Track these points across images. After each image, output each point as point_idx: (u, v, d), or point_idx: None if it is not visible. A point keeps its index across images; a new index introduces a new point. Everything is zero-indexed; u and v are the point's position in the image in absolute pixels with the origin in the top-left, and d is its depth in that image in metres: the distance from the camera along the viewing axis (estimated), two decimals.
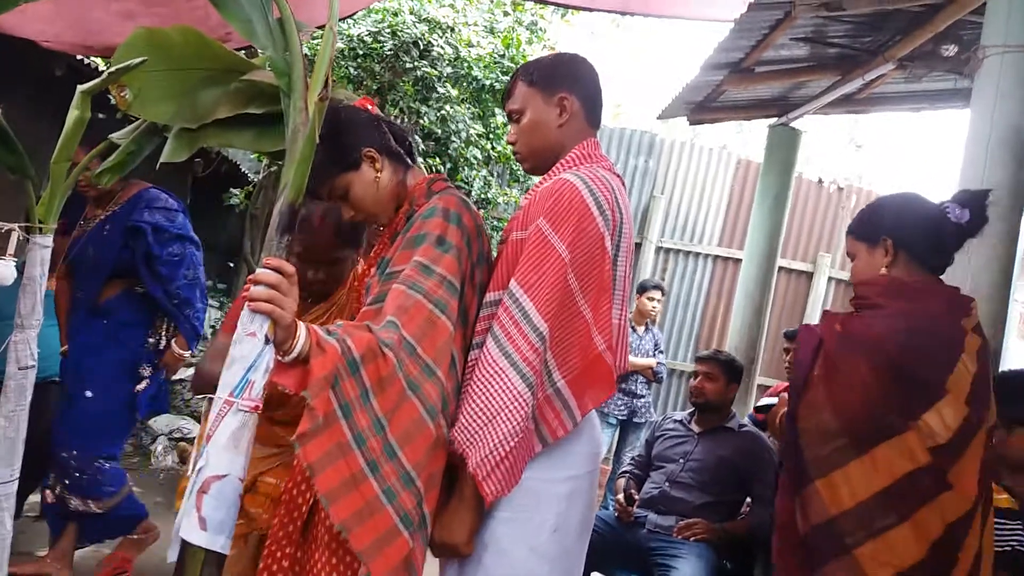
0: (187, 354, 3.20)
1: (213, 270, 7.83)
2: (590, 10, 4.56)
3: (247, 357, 1.37)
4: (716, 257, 7.36)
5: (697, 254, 7.36)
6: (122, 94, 2.21)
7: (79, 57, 4.18)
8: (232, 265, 7.48)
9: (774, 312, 6.14)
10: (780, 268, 5.54)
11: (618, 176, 1.73)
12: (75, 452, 2.96)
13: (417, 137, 4.76)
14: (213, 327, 6.37)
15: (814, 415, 1.73)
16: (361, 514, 1.38)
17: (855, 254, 1.92)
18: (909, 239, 1.84)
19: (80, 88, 2.32)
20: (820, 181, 7.51)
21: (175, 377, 6.68)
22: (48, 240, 2.46)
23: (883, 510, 1.62)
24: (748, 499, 3.24)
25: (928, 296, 1.80)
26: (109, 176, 2.52)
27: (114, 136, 2.52)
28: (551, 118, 1.75)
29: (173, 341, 3.15)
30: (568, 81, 1.76)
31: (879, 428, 1.66)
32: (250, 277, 1.39)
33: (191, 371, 3.84)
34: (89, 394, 3.00)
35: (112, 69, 2.08)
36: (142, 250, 3.06)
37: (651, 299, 5.23)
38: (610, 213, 1.61)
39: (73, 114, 2.36)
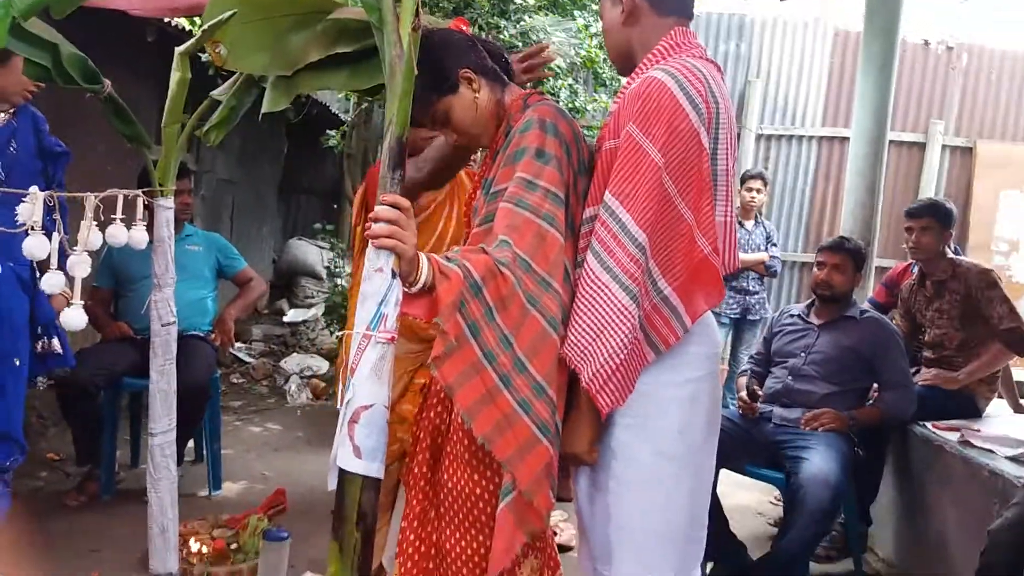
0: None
1: (319, 213, 8.06)
2: None
3: (378, 292, 1.43)
4: (821, 138, 7.02)
5: (800, 137, 7.04)
6: (217, 50, 2.26)
7: (167, 20, 4.29)
8: (336, 206, 7.67)
9: (887, 189, 5.84)
10: (890, 142, 5.24)
11: (712, 62, 1.64)
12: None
13: None
14: (328, 267, 6.59)
15: None
16: (500, 426, 1.44)
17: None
18: None
19: (178, 50, 2.39)
20: (927, 43, 7.01)
21: (303, 318, 6.97)
22: (170, 202, 2.59)
23: None
24: (875, 385, 3.19)
25: None
26: (216, 133, 2.60)
27: (214, 93, 2.59)
28: (615, 17, 1.70)
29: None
30: None
31: None
32: (370, 215, 1.42)
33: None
34: (17, 362, 2.59)
35: (205, 27, 2.13)
36: (55, 177, 2.75)
37: (751, 190, 5.04)
38: (704, 106, 1.54)
39: (175, 76, 2.44)
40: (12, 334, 2.57)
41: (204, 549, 2.78)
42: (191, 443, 3.88)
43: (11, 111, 2.59)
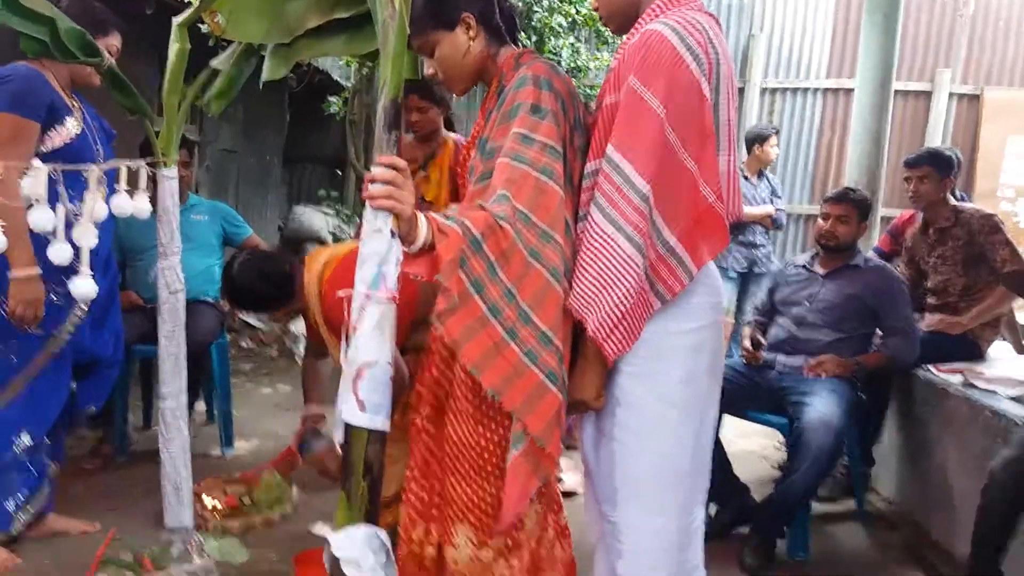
0: None
1: (324, 179, 8.06)
2: None
3: (378, 252, 1.45)
4: (826, 90, 6.99)
5: (805, 90, 7.00)
6: (215, 20, 2.28)
7: None
8: (340, 173, 7.66)
9: (893, 139, 5.81)
10: (896, 91, 5.21)
11: (710, 15, 1.65)
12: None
13: None
14: (333, 233, 6.62)
15: None
16: (509, 377, 1.48)
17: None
18: None
19: (176, 21, 2.40)
20: None
21: None
22: (174, 172, 2.62)
23: None
24: (879, 331, 3.21)
25: None
26: (217, 103, 2.62)
27: (214, 62, 2.60)
28: None
29: None
30: None
31: None
32: (367, 176, 1.45)
33: None
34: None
35: None
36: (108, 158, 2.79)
37: (774, 146, 5.04)
38: (704, 56, 1.55)
39: (174, 47, 2.45)
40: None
41: (218, 505, 2.86)
42: (203, 405, 3.98)
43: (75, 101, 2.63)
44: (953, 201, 3.52)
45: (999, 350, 3.53)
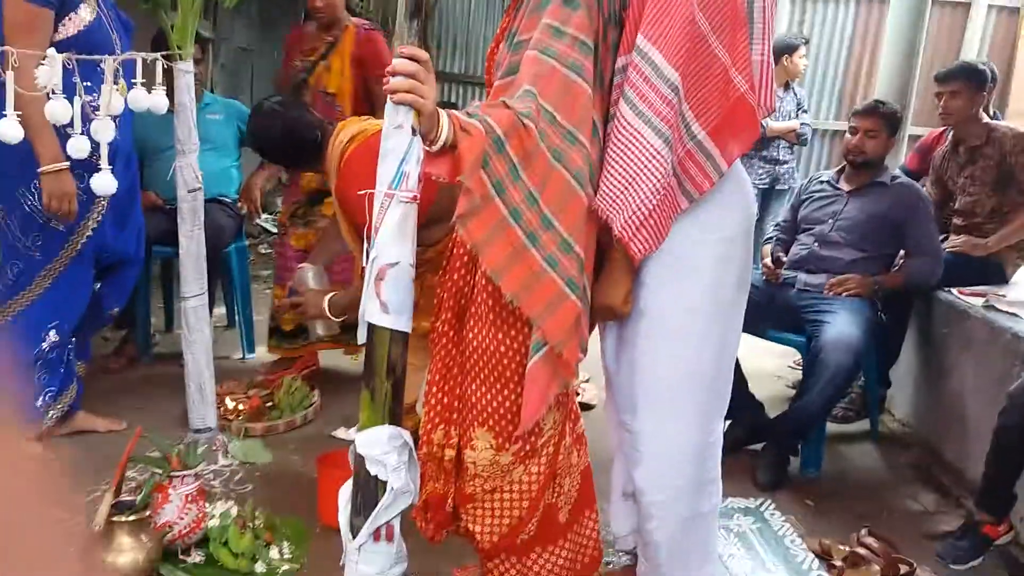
0: None
1: None
2: None
3: (398, 150, 1.42)
4: None
5: None
6: None
7: None
8: None
9: (926, 53, 5.58)
10: (932, 2, 4.98)
11: None
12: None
13: None
14: None
15: None
16: (528, 283, 1.46)
17: None
18: None
19: None
20: None
21: None
22: (190, 66, 2.55)
23: None
24: (902, 251, 3.16)
25: None
26: None
27: None
28: None
29: None
30: None
31: None
32: (388, 69, 1.39)
33: None
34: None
35: None
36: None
37: (803, 56, 4.86)
38: None
39: None
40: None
41: (241, 407, 2.90)
42: (223, 309, 3.99)
43: None
44: (986, 119, 3.40)
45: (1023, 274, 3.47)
